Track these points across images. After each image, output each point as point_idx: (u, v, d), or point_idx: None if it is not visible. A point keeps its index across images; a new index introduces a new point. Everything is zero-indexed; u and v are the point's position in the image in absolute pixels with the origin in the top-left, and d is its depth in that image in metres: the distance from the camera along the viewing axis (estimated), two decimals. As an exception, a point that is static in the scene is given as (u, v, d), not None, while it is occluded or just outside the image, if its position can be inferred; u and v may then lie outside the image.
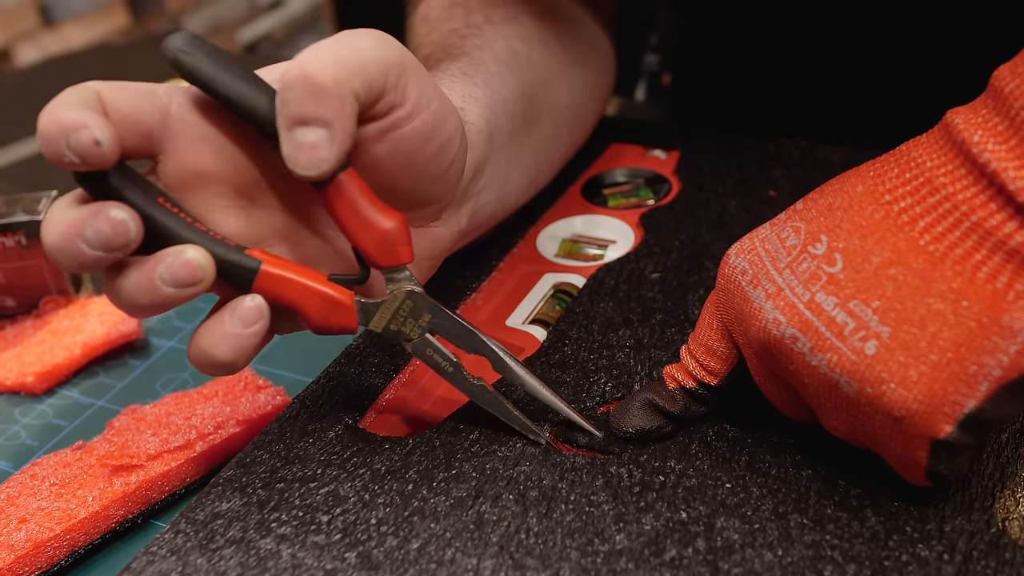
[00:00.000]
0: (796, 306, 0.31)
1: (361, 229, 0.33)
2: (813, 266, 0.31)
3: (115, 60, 0.97)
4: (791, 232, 0.32)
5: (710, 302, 0.36)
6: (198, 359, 0.33)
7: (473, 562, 0.31)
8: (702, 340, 0.36)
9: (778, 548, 0.31)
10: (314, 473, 0.35)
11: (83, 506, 0.38)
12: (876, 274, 0.29)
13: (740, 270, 0.33)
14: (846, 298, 0.30)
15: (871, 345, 0.29)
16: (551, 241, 0.49)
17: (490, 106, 0.43)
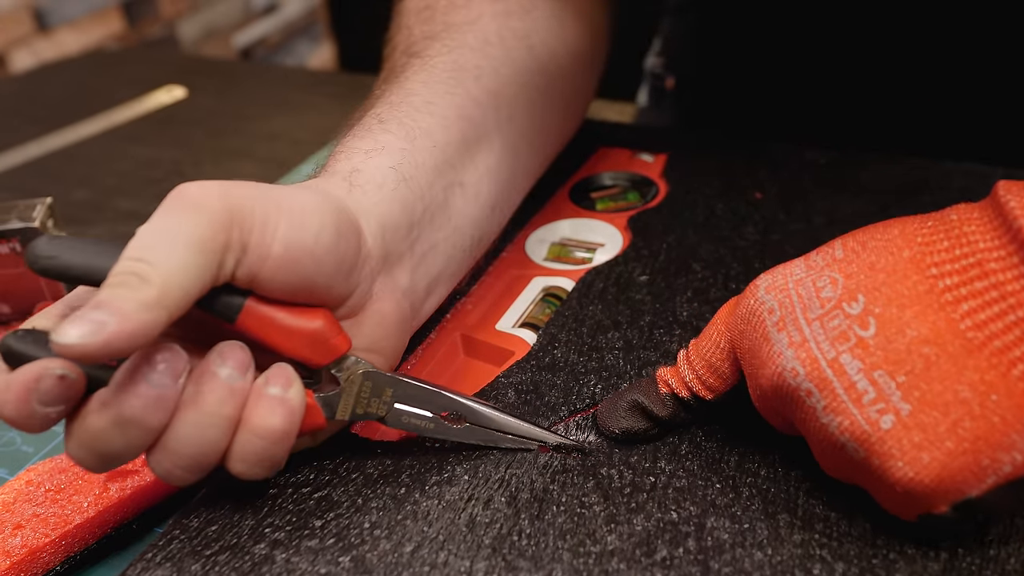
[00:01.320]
0: (818, 361, 0.30)
1: (288, 342, 0.33)
2: (845, 325, 0.30)
3: (110, 65, 0.97)
4: (828, 283, 0.31)
5: (722, 321, 0.35)
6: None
7: (466, 564, 0.32)
8: (705, 355, 0.35)
9: (768, 547, 0.32)
10: (307, 478, 0.36)
11: (78, 512, 0.38)
12: (908, 348, 0.28)
13: (768, 308, 0.32)
14: (872, 366, 0.29)
15: (888, 419, 0.28)
16: (540, 245, 0.50)
17: (403, 149, 0.39)
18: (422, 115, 0.41)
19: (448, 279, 0.41)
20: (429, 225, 0.39)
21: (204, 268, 0.30)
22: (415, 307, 0.38)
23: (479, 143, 0.43)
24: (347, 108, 0.78)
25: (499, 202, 0.44)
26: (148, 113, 0.82)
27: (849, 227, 0.48)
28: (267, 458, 0.32)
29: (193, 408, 0.31)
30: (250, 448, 0.31)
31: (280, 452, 0.32)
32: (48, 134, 0.78)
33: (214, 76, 0.90)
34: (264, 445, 0.31)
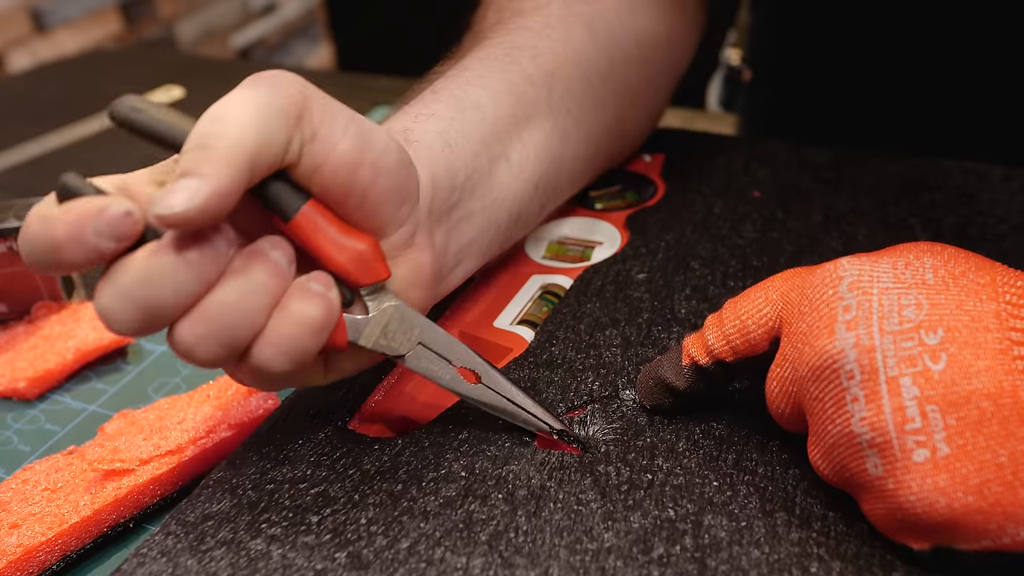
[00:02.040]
0: (877, 369, 0.29)
1: (336, 252, 0.33)
2: (917, 351, 0.29)
3: (108, 66, 0.97)
4: (914, 304, 0.30)
5: (776, 290, 0.34)
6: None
7: (463, 561, 0.32)
8: (742, 316, 0.34)
9: (765, 546, 0.31)
10: (304, 474, 0.36)
11: (75, 511, 0.38)
12: (969, 396, 0.28)
13: (845, 304, 0.31)
14: (928, 399, 0.28)
15: (922, 453, 0.28)
16: (538, 243, 0.50)
17: (451, 118, 0.40)
18: (474, 88, 0.42)
19: (478, 253, 0.41)
20: (470, 194, 0.40)
21: (278, 131, 0.30)
22: (443, 272, 0.39)
23: (528, 120, 0.43)
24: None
25: (543, 182, 0.44)
26: (146, 113, 0.82)
27: (847, 224, 0.48)
28: (297, 348, 0.31)
29: (240, 276, 0.31)
30: (284, 332, 0.31)
31: (310, 345, 0.32)
32: (46, 134, 0.78)
33: (212, 76, 0.90)
34: (298, 332, 0.31)
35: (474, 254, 0.41)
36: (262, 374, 0.32)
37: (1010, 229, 0.46)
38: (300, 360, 0.32)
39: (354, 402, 0.39)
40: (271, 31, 2.00)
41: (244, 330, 0.31)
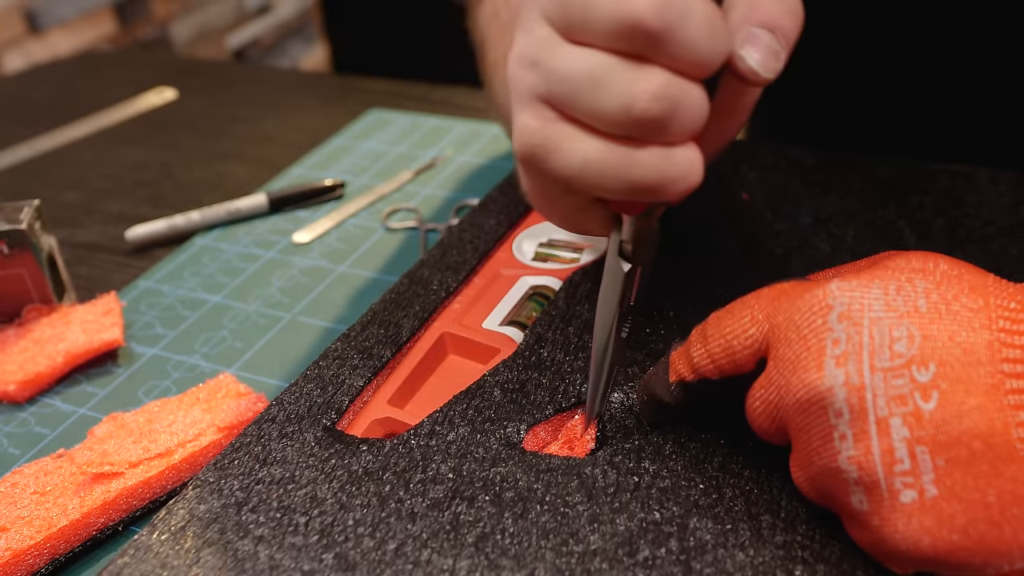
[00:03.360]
0: (867, 411, 0.28)
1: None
2: (907, 389, 0.28)
3: (102, 67, 0.97)
4: (905, 336, 0.29)
5: (761, 311, 0.32)
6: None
7: (449, 562, 0.32)
8: (727, 336, 0.33)
9: (750, 548, 0.32)
10: (292, 475, 0.36)
11: (64, 514, 0.38)
12: (960, 437, 0.27)
13: (834, 337, 0.29)
14: (918, 440, 0.28)
15: (909, 494, 0.28)
16: (527, 245, 0.50)
17: None
18: None
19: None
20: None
21: None
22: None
23: None
24: (338, 110, 0.78)
25: None
26: (138, 115, 0.82)
27: (835, 227, 0.48)
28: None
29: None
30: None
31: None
32: (38, 136, 0.78)
33: (205, 78, 0.90)
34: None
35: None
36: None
37: (997, 231, 0.46)
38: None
39: (343, 403, 0.39)
40: (266, 32, 2.00)
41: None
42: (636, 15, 0.28)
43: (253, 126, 0.78)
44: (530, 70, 0.31)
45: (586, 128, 0.31)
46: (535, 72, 0.31)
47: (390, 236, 0.59)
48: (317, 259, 0.58)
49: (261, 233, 0.61)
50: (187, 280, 0.57)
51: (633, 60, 0.29)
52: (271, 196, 0.63)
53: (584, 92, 0.30)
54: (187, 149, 0.75)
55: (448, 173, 0.66)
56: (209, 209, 0.62)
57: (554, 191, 0.34)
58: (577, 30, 0.30)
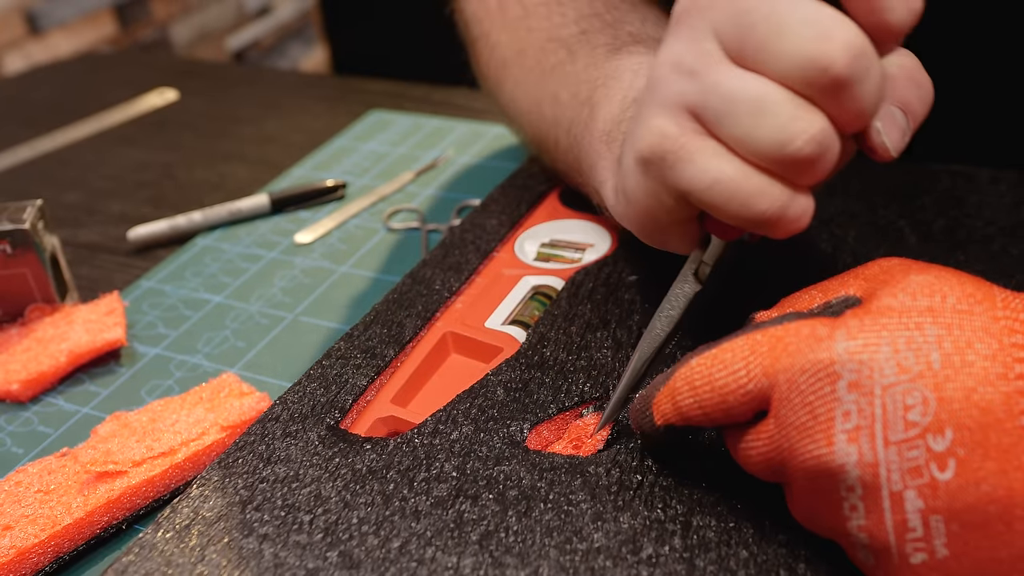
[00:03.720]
0: (880, 487, 0.27)
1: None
2: (923, 459, 0.27)
3: (102, 68, 0.97)
4: (919, 402, 0.27)
5: (758, 366, 0.30)
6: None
7: (453, 560, 0.32)
8: (721, 390, 0.31)
9: (753, 546, 0.32)
10: (296, 473, 0.36)
11: (68, 513, 0.38)
12: (976, 503, 0.27)
13: (844, 410, 0.28)
14: (932, 510, 0.27)
15: (920, 557, 0.27)
16: (529, 245, 0.50)
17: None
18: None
19: None
20: None
21: None
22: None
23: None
24: (339, 111, 0.78)
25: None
26: (140, 116, 0.82)
27: (837, 227, 0.48)
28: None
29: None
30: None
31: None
32: (39, 137, 0.78)
33: (206, 79, 0.90)
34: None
35: None
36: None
37: (998, 231, 0.46)
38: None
39: (346, 401, 0.39)
40: (266, 33, 2.00)
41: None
42: (829, 59, 0.28)
43: (254, 127, 0.78)
44: (686, 79, 0.31)
45: (726, 148, 0.31)
46: (692, 82, 0.31)
47: (392, 237, 0.60)
48: (319, 259, 0.58)
49: (263, 233, 0.61)
50: (189, 280, 0.57)
51: (800, 97, 0.30)
52: (273, 196, 0.63)
53: (742, 116, 0.30)
54: (188, 150, 0.75)
55: (449, 174, 0.66)
56: (211, 209, 0.62)
57: (661, 198, 0.34)
58: (752, 57, 0.30)
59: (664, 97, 0.32)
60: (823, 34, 0.29)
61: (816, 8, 0.29)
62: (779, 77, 0.30)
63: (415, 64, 1.43)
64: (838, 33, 0.29)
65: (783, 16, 0.29)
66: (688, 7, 0.32)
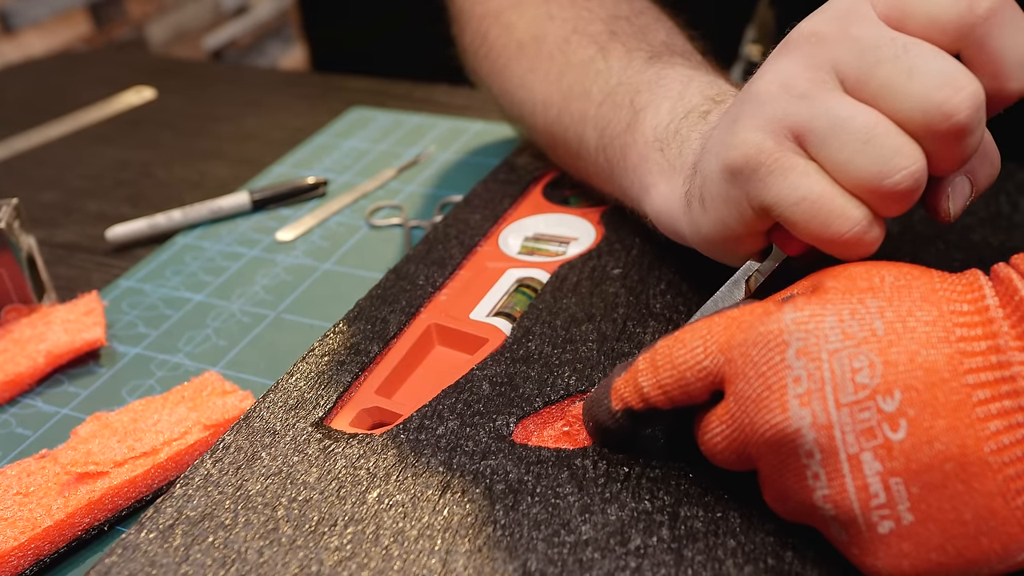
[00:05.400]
0: (835, 441, 0.28)
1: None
2: (875, 420, 0.28)
3: (77, 67, 0.96)
4: (866, 365, 0.28)
5: (715, 343, 0.31)
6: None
7: (442, 555, 0.32)
8: (680, 367, 0.32)
9: (741, 535, 0.32)
10: (280, 470, 0.35)
11: (48, 515, 0.38)
12: (931, 462, 0.27)
13: (794, 375, 0.29)
14: (891, 471, 0.28)
15: (887, 525, 0.28)
16: (513, 239, 0.50)
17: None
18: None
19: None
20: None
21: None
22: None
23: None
24: (320, 109, 0.78)
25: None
26: (117, 114, 0.81)
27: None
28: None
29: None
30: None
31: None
32: (14, 136, 0.77)
33: (183, 77, 0.89)
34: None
35: None
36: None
37: (978, 222, 0.47)
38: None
39: (332, 397, 0.39)
40: (243, 32, 1.99)
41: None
42: (955, 107, 0.30)
43: (233, 125, 0.77)
44: (796, 100, 0.32)
45: (820, 169, 0.32)
46: (802, 104, 0.32)
47: (374, 233, 0.59)
48: (301, 257, 0.57)
49: (244, 231, 0.61)
50: (169, 279, 0.56)
51: (907, 135, 0.31)
52: (253, 194, 0.63)
53: (849, 141, 0.31)
54: (167, 148, 0.74)
55: (431, 170, 0.66)
56: (191, 208, 0.61)
57: (743, 208, 0.35)
58: (872, 92, 0.31)
59: (769, 114, 0.33)
60: (953, 83, 0.30)
61: (947, 58, 0.30)
62: (897, 114, 0.31)
63: (394, 62, 1.42)
64: (967, 85, 0.30)
65: (915, 60, 0.30)
66: (808, 35, 0.33)
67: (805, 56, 0.33)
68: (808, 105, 0.32)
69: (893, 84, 0.31)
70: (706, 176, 0.37)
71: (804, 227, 0.33)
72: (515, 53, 0.53)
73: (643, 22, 0.50)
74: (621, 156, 0.45)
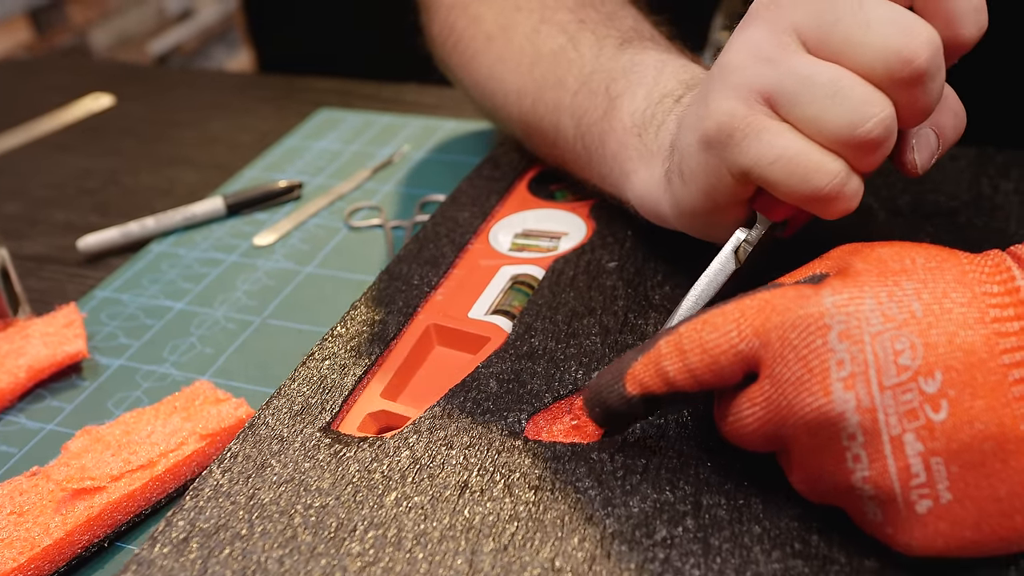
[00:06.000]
0: (880, 432, 0.28)
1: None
2: (917, 402, 0.28)
3: (19, 75, 0.93)
4: (908, 348, 0.28)
5: (749, 326, 0.31)
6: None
7: (468, 555, 0.31)
8: (711, 351, 0.31)
9: (765, 521, 0.32)
10: (293, 477, 0.35)
11: (46, 533, 0.37)
12: (971, 442, 0.28)
13: (837, 359, 0.29)
14: (931, 452, 0.28)
15: (925, 504, 0.28)
16: (504, 236, 0.49)
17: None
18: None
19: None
20: None
21: None
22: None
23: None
24: (286, 111, 0.77)
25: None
26: (75, 122, 0.79)
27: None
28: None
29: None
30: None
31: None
32: (-33, 147, 0.75)
33: (140, 83, 0.87)
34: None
35: None
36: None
37: (962, 204, 0.48)
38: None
39: (336, 402, 0.38)
40: (189, 37, 1.95)
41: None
42: (913, 53, 0.31)
43: (197, 130, 0.76)
44: (763, 64, 0.33)
45: (793, 128, 0.33)
46: (769, 67, 0.33)
47: (354, 235, 0.58)
48: (282, 261, 0.56)
49: (220, 237, 0.59)
50: (147, 288, 0.55)
51: (872, 85, 0.32)
52: (228, 199, 0.61)
53: (817, 97, 0.32)
54: (131, 155, 0.72)
55: (407, 170, 0.66)
56: (164, 215, 0.60)
57: (722, 176, 0.36)
58: (834, 49, 0.32)
59: (738, 81, 0.34)
60: (909, 31, 0.31)
61: (900, 9, 0.32)
62: (859, 67, 0.32)
63: (347, 62, 1.41)
64: (922, 31, 0.31)
65: (870, 13, 0.31)
66: (768, 3, 0.34)
67: (767, 23, 0.34)
68: (774, 68, 0.33)
69: (852, 38, 0.32)
70: (683, 151, 0.38)
71: (784, 186, 0.33)
72: (484, 45, 0.53)
73: (609, 9, 0.51)
74: (600, 144, 0.45)
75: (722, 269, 0.37)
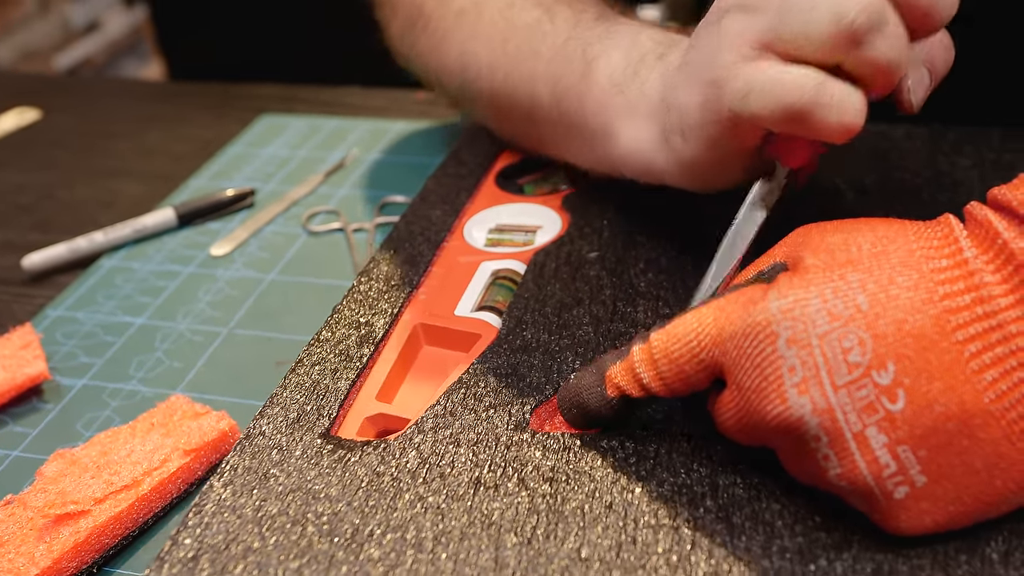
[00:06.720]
0: (843, 431, 0.29)
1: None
2: (873, 395, 0.28)
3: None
4: (856, 344, 0.29)
5: (707, 335, 0.31)
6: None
7: (492, 552, 0.31)
8: (676, 360, 0.32)
9: (783, 498, 0.32)
10: (299, 487, 0.33)
11: (32, 563, 0.35)
12: (934, 425, 0.28)
13: (788, 365, 0.29)
14: (897, 441, 0.28)
15: (902, 490, 0.29)
16: (478, 232, 0.49)
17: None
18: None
19: None
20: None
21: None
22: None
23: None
24: (226, 119, 0.74)
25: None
26: (2, 137, 0.75)
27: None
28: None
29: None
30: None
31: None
32: None
33: (67, 95, 0.84)
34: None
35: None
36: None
37: (924, 182, 0.49)
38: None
39: (332, 407, 0.37)
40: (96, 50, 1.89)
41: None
42: None
43: (133, 141, 0.73)
44: (749, 14, 0.34)
45: (777, 60, 0.34)
46: (755, 15, 0.34)
47: (314, 240, 0.57)
48: (242, 269, 0.54)
49: (174, 249, 0.57)
50: (102, 304, 0.52)
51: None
52: (179, 210, 0.59)
53: (798, 16, 0.32)
54: (66, 168, 0.69)
55: (361, 172, 0.64)
56: (112, 228, 0.57)
57: (720, 124, 0.36)
58: None
59: (732, 30, 0.35)
60: None
61: None
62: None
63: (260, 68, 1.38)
64: None
65: None
66: None
67: None
68: (760, 12, 0.34)
69: None
70: (683, 109, 0.38)
71: (767, 116, 0.34)
72: (454, 22, 0.52)
73: None
74: (578, 105, 0.45)
75: (751, 219, 0.37)
